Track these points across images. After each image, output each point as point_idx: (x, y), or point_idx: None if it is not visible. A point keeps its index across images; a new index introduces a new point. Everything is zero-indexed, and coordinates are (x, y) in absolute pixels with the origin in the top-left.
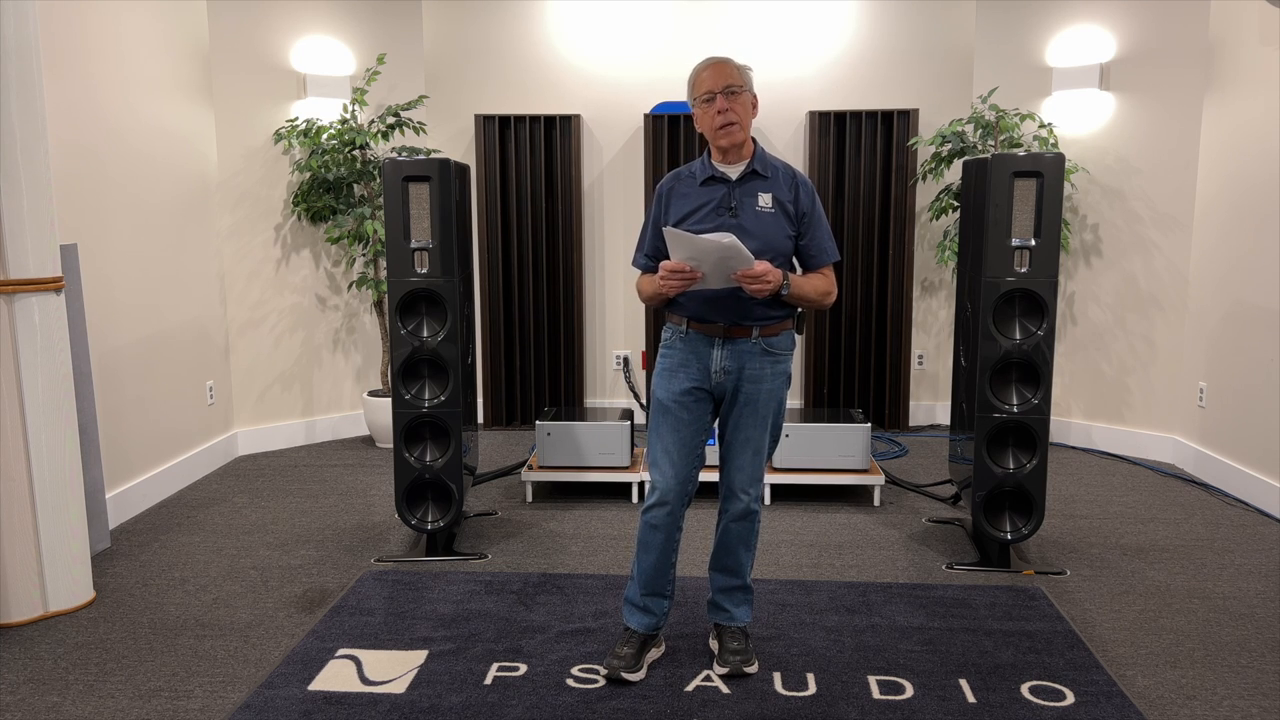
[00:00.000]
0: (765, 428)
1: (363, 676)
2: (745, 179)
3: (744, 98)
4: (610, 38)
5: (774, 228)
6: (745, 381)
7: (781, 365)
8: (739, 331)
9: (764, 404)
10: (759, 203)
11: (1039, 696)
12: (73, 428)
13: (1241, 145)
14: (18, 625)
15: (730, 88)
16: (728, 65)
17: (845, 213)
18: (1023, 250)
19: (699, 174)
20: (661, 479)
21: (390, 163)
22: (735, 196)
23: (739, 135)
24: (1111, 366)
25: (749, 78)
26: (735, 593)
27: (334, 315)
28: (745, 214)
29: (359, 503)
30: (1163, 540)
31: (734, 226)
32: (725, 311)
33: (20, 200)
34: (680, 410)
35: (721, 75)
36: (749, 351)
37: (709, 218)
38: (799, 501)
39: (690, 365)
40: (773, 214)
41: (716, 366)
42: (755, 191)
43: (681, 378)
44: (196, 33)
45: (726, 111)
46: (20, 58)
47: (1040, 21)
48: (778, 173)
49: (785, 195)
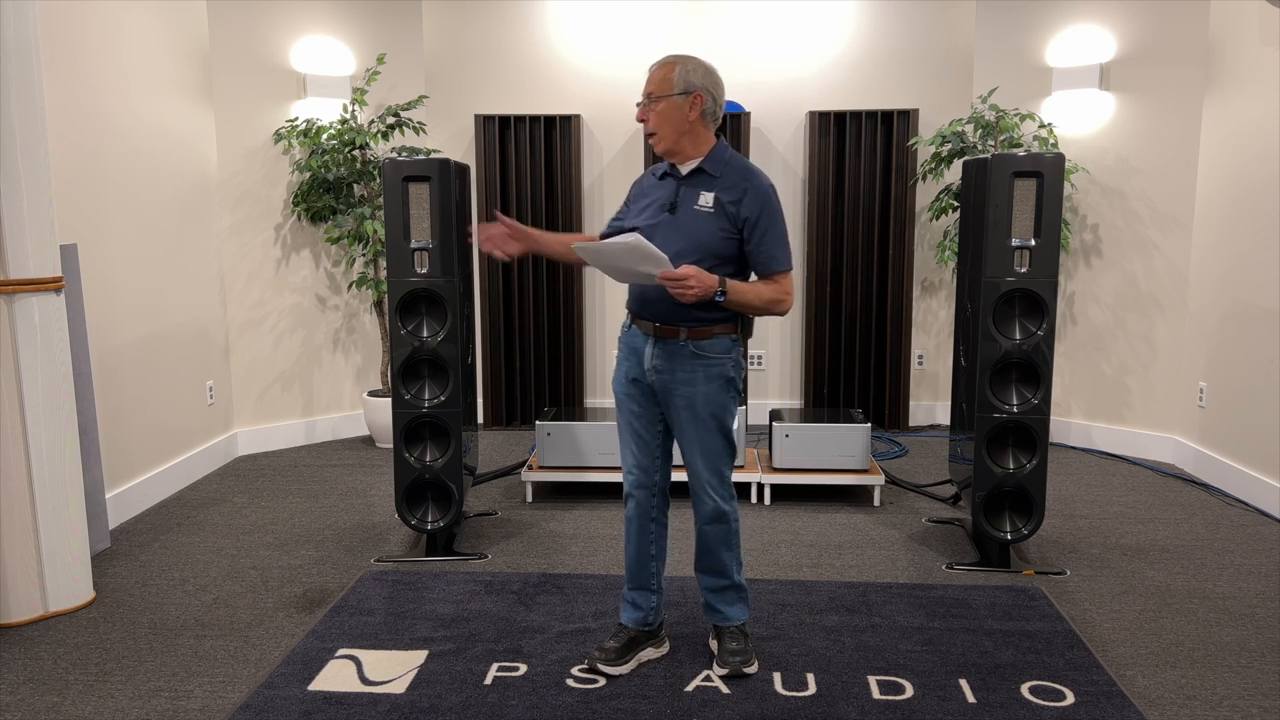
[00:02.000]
0: (710, 429)
1: (363, 676)
2: (692, 176)
3: (663, 106)
4: (610, 38)
5: (708, 228)
6: (678, 384)
7: (715, 369)
8: (668, 331)
9: (701, 407)
10: (698, 201)
11: (1039, 696)
12: (73, 428)
13: (1241, 145)
14: (18, 625)
15: (650, 96)
16: (659, 71)
17: (845, 213)
18: (1023, 250)
19: (660, 169)
20: (626, 471)
21: (390, 163)
22: (679, 194)
23: (659, 145)
24: (1111, 366)
25: (686, 79)
26: (726, 592)
27: (334, 315)
28: (683, 211)
29: (359, 503)
30: (1163, 540)
31: (668, 223)
32: (655, 309)
33: (20, 200)
34: (629, 401)
35: (649, 83)
36: (679, 353)
37: (652, 213)
38: (799, 501)
39: (632, 358)
40: (710, 213)
41: (649, 364)
42: (699, 190)
43: (626, 369)
44: (196, 33)
45: (645, 122)
46: (20, 58)
47: (1040, 21)
48: (730, 173)
49: (729, 197)
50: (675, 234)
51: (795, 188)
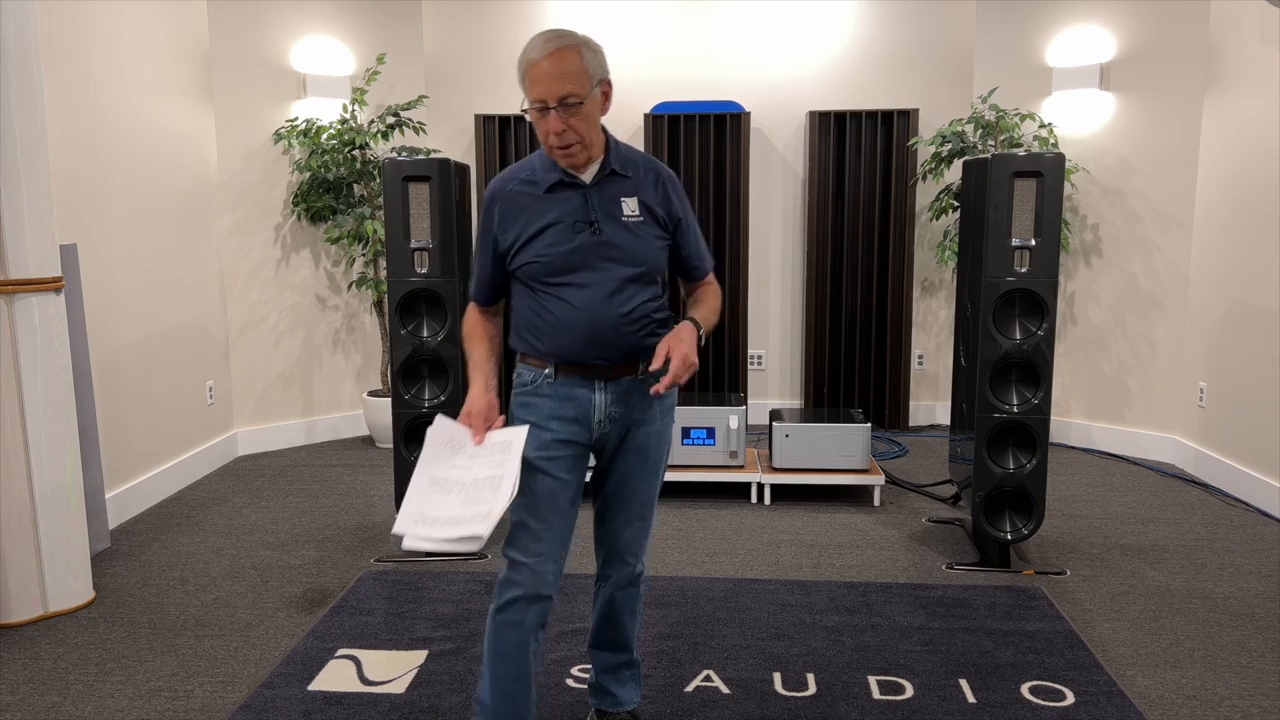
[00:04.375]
0: (656, 475)
1: (363, 677)
2: (602, 182)
3: (587, 109)
4: (610, 38)
5: (646, 241)
6: (633, 425)
7: (668, 401)
8: (623, 370)
9: (654, 450)
10: (624, 211)
11: (1039, 696)
12: (73, 428)
13: (1241, 145)
14: (18, 625)
15: (569, 99)
16: (565, 62)
17: (845, 213)
18: (1023, 250)
19: (541, 178)
20: (534, 561)
21: (390, 163)
22: (594, 207)
23: (581, 156)
24: (1111, 366)
25: (597, 65)
26: (622, 670)
27: (334, 315)
28: (609, 228)
29: (359, 503)
30: (1163, 540)
31: (594, 247)
32: (610, 348)
33: (20, 200)
34: (555, 469)
35: (557, 81)
36: (635, 390)
37: (564, 236)
38: (799, 501)
39: (564, 415)
40: (642, 223)
41: (600, 415)
42: (617, 197)
43: (556, 431)
44: (196, 33)
45: (564, 133)
46: (20, 58)
47: (1040, 21)
48: (639, 169)
49: (653, 198)
50: (610, 259)
51: (795, 188)
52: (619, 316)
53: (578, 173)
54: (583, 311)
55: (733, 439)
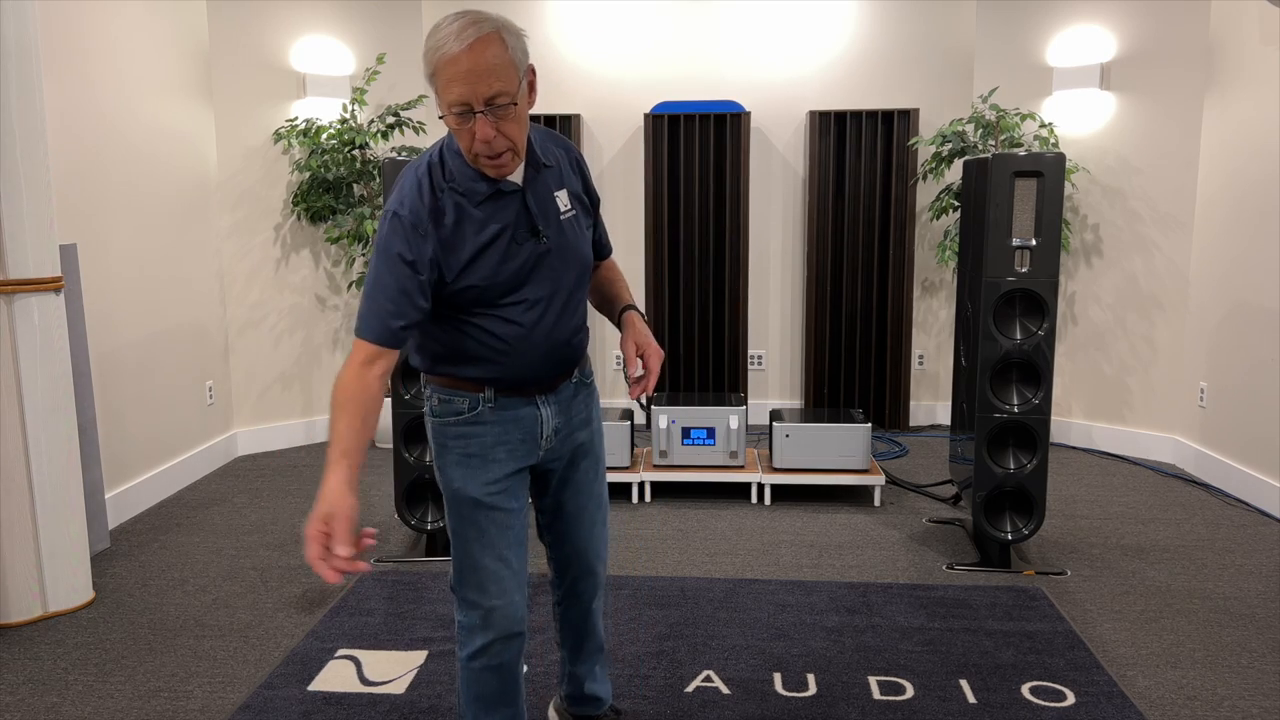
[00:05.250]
0: (603, 472)
1: (362, 677)
2: (533, 180)
3: (520, 110)
4: (610, 38)
5: (582, 236)
6: (575, 430)
7: (594, 389)
8: (562, 379)
9: (599, 447)
10: (560, 208)
11: (1039, 697)
12: (72, 428)
13: (1242, 145)
14: (17, 625)
15: (498, 99)
16: (488, 54)
17: (845, 213)
18: (1023, 250)
19: (469, 189)
20: (502, 601)
21: (390, 163)
22: (535, 212)
23: (513, 165)
24: (1112, 366)
25: (521, 52)
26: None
27: (334, 315)
28: (553, 232)
29: (359, 503)
30: (1163, 540)
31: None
32: (559, 361)
33: (20, 200)
34: (506, 500)
35: (482, 79)
36: (570, 395)
37: (511, 252)
38: (799, 501)
39: (510, 440)
40: (574, 215)
41: (548, 430)
42: (549, 193)
43: (503, 459)
44: (196, 33)
45: (495, 139)
46: (20, 58)
47: (1040, 21)
48: (555, 155)
49: (576, 185)
50: (561, 266)
51: (795, 188)
52: (572, 330)
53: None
54: (533, 331)
55: (733, 439)
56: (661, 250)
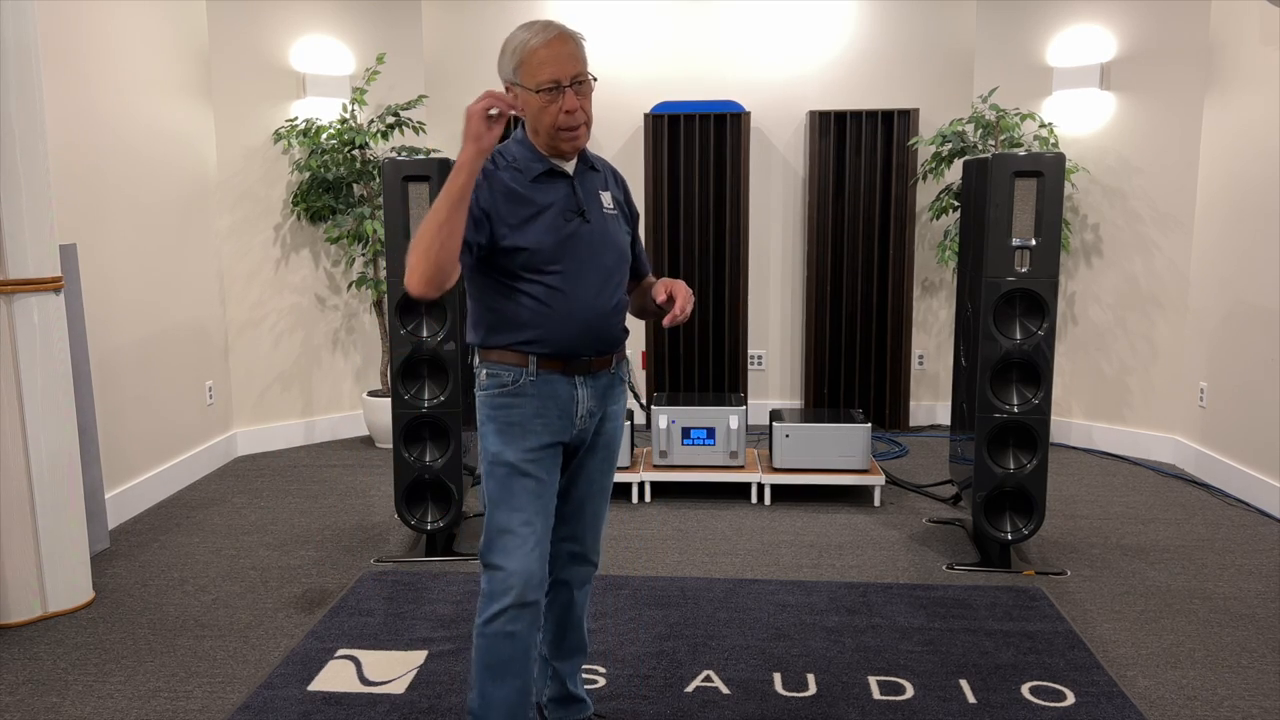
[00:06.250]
0: (613, 471)
1: (362, 677)
2: (583, 174)
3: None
4: (610, 38)
5: (620, 233)
6: (607, 420)
7: (626, 393)
8: (602, 363)
9: (617, 442)
10: (605, 204)
11: (1039, 697)
12: (72, 428)
13: (1242, 145)
14: (17, 626)
15: (579, 78)
16: (570, 45)
17: (845, 213)
18: (1023, 250)
19: (526, 166)
20: (522, 566)
21: (390, 162)
22: (580, 195)
23: (585, 138)
24: (1112, 366)
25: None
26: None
27: (334, 315)
28: (595, 218)
29: (359, 503)
30: (1163, 540)
31: (587, 234)
32: (598, 338)
33: (20, 200)
34: (539, 470)
35: (569, 59)
36: (609, 385)
37: (555, 224)
38: (799, 501)
39: (547, 414)
40: (615, 215)
41: (582, 410)
42: (595, 190)
43: (539, 431)
44: (196, 33)
45: (577, 111)
46: (20, 58)
47: (1040, 21)
48: (602, 165)
49: (618, 193)
50: (601, 247)
51: (795, 188)
52: (610, 308)
53: (561, 163)
54: (575, 300)
55: (733, 439)
56: (661, 250)
